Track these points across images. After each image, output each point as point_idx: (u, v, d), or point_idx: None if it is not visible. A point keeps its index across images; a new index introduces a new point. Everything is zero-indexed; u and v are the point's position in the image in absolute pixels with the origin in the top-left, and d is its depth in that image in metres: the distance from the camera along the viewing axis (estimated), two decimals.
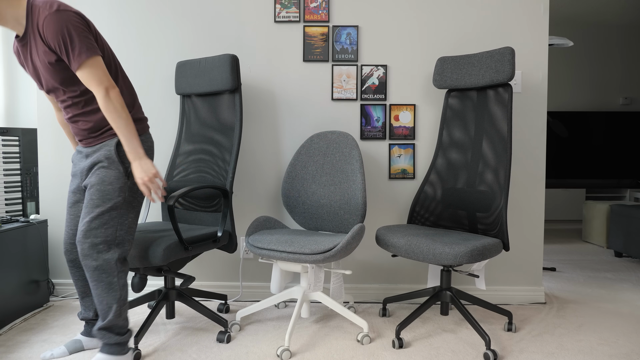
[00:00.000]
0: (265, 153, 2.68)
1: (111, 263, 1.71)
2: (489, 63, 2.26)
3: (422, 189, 2.48)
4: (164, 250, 1.87)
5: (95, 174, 1.74)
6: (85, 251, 1.70)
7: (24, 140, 2.31)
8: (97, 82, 1.65)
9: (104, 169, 1.74)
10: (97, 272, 1.71)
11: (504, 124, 2.21)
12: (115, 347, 1.78)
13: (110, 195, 1.72)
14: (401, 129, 2.66)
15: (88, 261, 1.70)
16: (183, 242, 1.96)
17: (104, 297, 1.73)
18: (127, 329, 1.81)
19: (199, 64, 2.42)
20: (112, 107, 1.66)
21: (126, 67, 2.65)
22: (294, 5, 2.61)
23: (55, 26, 1.59)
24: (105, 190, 1.72)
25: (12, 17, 1.63)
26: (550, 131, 5.58)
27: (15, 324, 2.31)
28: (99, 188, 1.72)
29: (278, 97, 2.66)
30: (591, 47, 5.78)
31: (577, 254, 3.99)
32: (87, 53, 1.63)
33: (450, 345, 2.09)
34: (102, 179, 1.73)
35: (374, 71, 2.64)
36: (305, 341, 2.13)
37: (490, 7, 2.61)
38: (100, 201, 1.71)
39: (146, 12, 2.64)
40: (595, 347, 2.08)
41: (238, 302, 2.68)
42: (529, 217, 2.67)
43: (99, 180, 1.73)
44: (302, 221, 2.48)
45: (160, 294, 2.18)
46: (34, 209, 2.66)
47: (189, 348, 2.04)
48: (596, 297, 2.79)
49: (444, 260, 1.94)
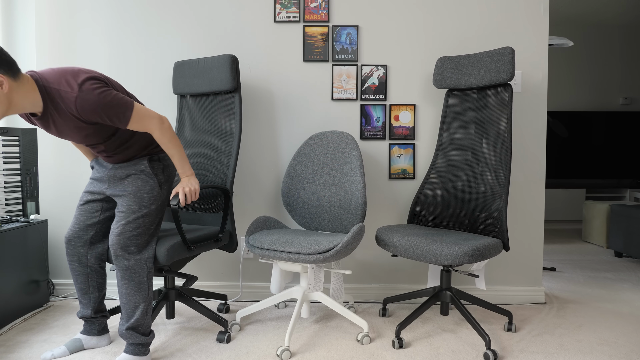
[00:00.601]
0: (265, 153, 2.68)
1: (141, 263, 1.81)
2: (489, 63, 2.26)
3: (422, 189, 2.48)
4: (168, 251, 1.88)
5: (132, 183, 1.87)
6: (118, 252, 1.79)
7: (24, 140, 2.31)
8: (148, 121, 1.78)
9: (140, 179, 1.88)
10: (128, 272, 1.80)
11: (504, 124, 2.21)
12: (139, 347, 1.85)
13: (146, 202, 1.85)
14: (401, 129, 2.66)
15: (120, 260, 1.80)
16: (186, 242, 1.96)
17: (132, 295, 1.81)
18: (150, 329, 1.88)
19: (198, 64, 2.42)
20: (169, 134, 1.83)
21: (125, 67, 2.65)
22: (294, 5, 2.62)
23: (89, 107, 1.65)
24: (141, 197, 1.85)
25: (29, 104, 1.66)
26: (550, 131, 5.58)
27: (15, 324, 2.31)
28: (137, 195, 1.85)
29: (278, 97, 2.66)
30: (591, 47, 5.78)
31: (577, 254, 3.99)
32: (127, 110, 1.72)
33: (450, 345, 2.09)
34: (139, 187, 1.86)
35: (374, 71, 2.64)
36: (305, 341, 2.13)
37: (490, 7, 2.61)
38: (137, 207, 1.83)
39: (145, 12, 2.63)
40: (595, 347, 2.08)
41: (238, 302, 2.68)
42: (529, 217, 2.67)
43: (136, 189, 1.86)
44: (302, 221, 2.48)
45: (161, 294, 2.18)
46: (34, 209, 2.66)
47: (189, 348, 2.04)
48: (596, 297, 2.79)
49: (443, 260, 1.94)
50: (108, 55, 2.66)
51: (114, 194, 1.90)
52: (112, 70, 2.66)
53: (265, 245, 2.08)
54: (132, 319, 1.81)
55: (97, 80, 1.69)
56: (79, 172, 2.70)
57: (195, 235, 2.06)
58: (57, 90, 1.64)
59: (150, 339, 1.86)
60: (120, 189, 1.88)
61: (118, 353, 1.98)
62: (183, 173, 1.90)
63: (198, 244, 2.06)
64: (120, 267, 1.80)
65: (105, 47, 2.65)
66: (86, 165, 2.70)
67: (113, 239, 1.80)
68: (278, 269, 2.26)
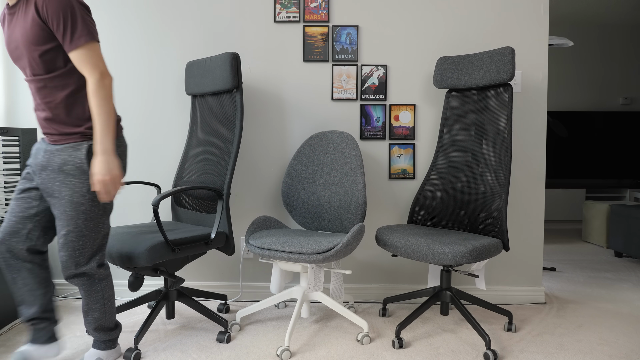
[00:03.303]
0: (265, 153, 2.68)
1: (92, 271, 1.73)
2: (489, 63, 2.26)
3: (423, 189, 2.48)
4: (148, 251, 1.84)
5: (66, 184, 1.65)
6: (65, 264, 1.69)
7: (24, 140, 2.31)
8: (93, 66, 1.59)
9: (74, 178, 1.65)
10: (79, 280, 1.73)
11: (504, 123, 2.21)
12: (107, 342, 1.86)
13: (84, 206, 1.66)
14: (401, 129, 2.66)
15: (69, 271, 1.70)
16: (169, 243, 1.92)
17: (87, 300, 1.77)
18: (114, 324, 1.86)
19: (205, 64, 2.42)
20: (103, 93, 1.60)
21: (132, 68, 2.65)
22: (294, 5, 2.62)
23: (59, 2, 1.55)
24: (78, 202, 1.65)
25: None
26: (550, 131, 5.58)
27: (15, 324, 2.31)
28: (72, 200, 1.64)
29: (278, 97, 2.66)
30: (591, 47, 5.78)
31: (577, 254, 3.99)
32: (88, 36, 1.58)
33: (450, 345, 2.09)
34: (74, 190, 1.64)
35: (374, 71, 2.64)
36: (305, 341, 2.13)
37: (490, 7, 2.61)
38: (74, 213, 1.65)
39: (145, 13, 2.63)
40: (595, 347, 2.08)
41: (238, 302, 2.68)
42: (529, 217, 2.67)
43: (71, 192, 1.64)
44: (302, 221, 2.48)
45: (160, 294, 2.18)
46: None
47: (189, 348, 2.04)
48: (596, 297, 2.79)
49: (443, 260, 1.94)
50: (109, 55, 2.66)
51: (46, 190, 1.68)
52: (114, 69, 2.66)
53: (265, 245, 2.08)
54: (93, 321, 1.79)
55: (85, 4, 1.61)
56: None
57: (182, 237, 2.00)
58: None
59: (116, 333, 1.87)
60: (52, 185, 1.66)
61: None
62: (101, 147, 1.60)
63: (184, 245, 1.99)
64: (69, 277, 1.70)
65: (107, 47, 2.65)
66: None
67: (58, 250, 1.69)
68: (278, 269, 2.26)
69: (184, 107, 2.67)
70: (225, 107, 2.39)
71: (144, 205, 2.70)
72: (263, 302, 2.25)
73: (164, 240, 1.90)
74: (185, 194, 2.42)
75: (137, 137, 2.68)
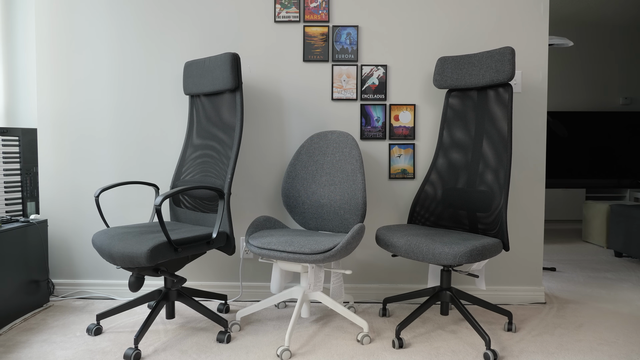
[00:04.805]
0: (265, 153, 2.68)
1: None
2: (489, 63, 2.26)
3: (423, 189, 2.48)
4: (151, 251, 1.84)
5: None
6: None
7: (24, 140, 2.31)
8: None
9: None
10: None
11: (504, 123, 2.21)
12: None
13: None
14: (401, 129, 2.66)
15: None
16: (172, 243, 1.92)
17: None
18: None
19: (204, 64, 2.42)
20: None
21: (131, 68, 2.65)
22: (294, 5, 2.61)
23: None
24: None
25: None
26: (550, 131, 5.58)
27: (15, 324, 2.31)
28: None
29: (278, 97, 2.66)
30: (591, 47, 5.78)
31: (577, 254, 3.99)
32: None
33: (450, 345, 2.09)
34: None
35: (374, 71, 2.64)
36: (305, 341, 2.13)
37: (490, 7, 2.61)
38: None
39: (145, 13, 2.63)
40: (595, 347, 2.08)
41: (238, 302, 2.68)
42: (529, 217, 2.67)
43: None
44: (302, 221, 2.48)
45: (160, 294, 2.18)
46: (34, 209, 2.66)
47: (189, 348, 2.04)
48: (596, 297, 2.79)
49: (443, 260, 1.94)
50: (108, 55, 2.66)
51: None
52: (113, 69, 2.66)
53: (265, 245, 2.08)
54: None
55: None
56: (79, 172, 2.70)
57: (185, 237, 2.01)
58: None
59: None
60: None
61: (117, 353, 1.97)
62: None
63: (186, 245, 2.00)
64: None
65: (106, 47, 2.65)
66: (87, 165, 2.70)
67: None
68: (278, 269, 2.26)
69: (182, 107, 2.67)
70: (224, 107, 2.39)
71: (142, 205, 2.70)
72: (263, 302, 2.25)
73: (167, 240, 1.90)
74: (185, 193, 2.42)
75: (134, 136, 2.68)
